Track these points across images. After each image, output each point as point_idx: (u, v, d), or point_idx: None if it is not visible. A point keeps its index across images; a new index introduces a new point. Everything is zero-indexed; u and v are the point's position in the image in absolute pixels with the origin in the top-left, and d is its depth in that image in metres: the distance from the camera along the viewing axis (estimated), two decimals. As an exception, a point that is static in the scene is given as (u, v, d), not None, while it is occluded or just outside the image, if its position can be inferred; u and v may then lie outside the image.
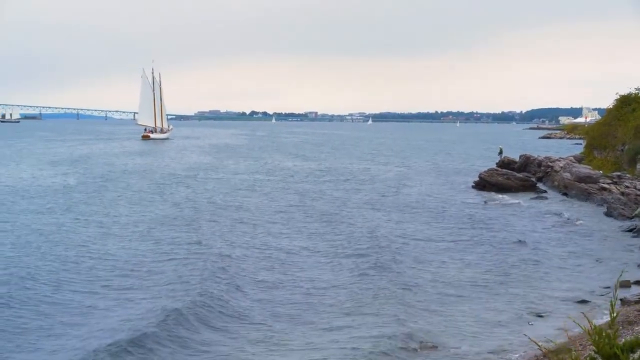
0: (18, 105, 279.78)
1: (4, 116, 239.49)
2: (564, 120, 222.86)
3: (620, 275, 6.61)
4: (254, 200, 33.66)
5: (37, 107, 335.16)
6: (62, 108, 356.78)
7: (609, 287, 16.86)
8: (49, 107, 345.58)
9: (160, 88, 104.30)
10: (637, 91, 43.94)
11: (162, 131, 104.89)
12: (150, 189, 37.44)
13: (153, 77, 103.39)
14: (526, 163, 46.48)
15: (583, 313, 6.79)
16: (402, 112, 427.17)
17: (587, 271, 19.04)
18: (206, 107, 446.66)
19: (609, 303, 4.02)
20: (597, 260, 20.31)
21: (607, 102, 54.20)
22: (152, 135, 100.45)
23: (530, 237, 24.17)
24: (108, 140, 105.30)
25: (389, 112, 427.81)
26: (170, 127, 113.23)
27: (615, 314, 3.45)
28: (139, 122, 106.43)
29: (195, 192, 36.26)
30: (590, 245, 22.75)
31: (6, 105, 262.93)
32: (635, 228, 24.75)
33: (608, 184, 33.67)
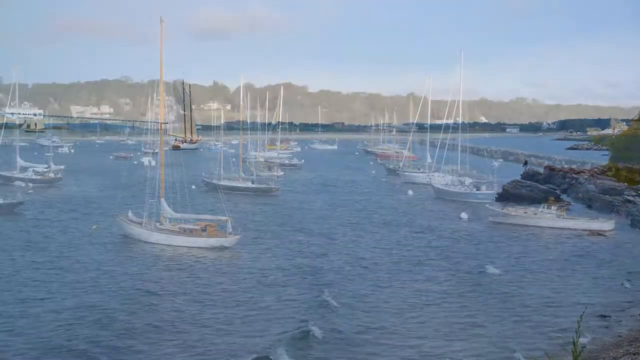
0: (44, 115, 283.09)
1: (28, 126, 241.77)
2: (592, 131, 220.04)
3: (580, 318, 5.75)
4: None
5: (64, 117, 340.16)
6: (88, 118, 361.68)
7: (631, 302, 17.30)
8: (75, 117, 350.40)
9: (190, 99, 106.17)
10: None
11: (191, 141, 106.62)
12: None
13: (183, 89, 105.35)
14: (550, 175, 46.40)
15: (547, 354, 6.46)
16: (427, 122, 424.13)
17: (610, 284, 19.40)
18: (232, 118, 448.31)
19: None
20: (620, 273, 20.73)
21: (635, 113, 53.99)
22: (182, 146, 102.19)
23: (553, 250, 24.57)
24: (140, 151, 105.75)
25: (413, 123, 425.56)
26: (199, 137, 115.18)
27: (578, 354, 3.22)
28: (170, 133, 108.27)
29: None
30: (615, 258, 23.14)
31: (33, 114, 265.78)
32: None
33: (633, 196, 33.89)
